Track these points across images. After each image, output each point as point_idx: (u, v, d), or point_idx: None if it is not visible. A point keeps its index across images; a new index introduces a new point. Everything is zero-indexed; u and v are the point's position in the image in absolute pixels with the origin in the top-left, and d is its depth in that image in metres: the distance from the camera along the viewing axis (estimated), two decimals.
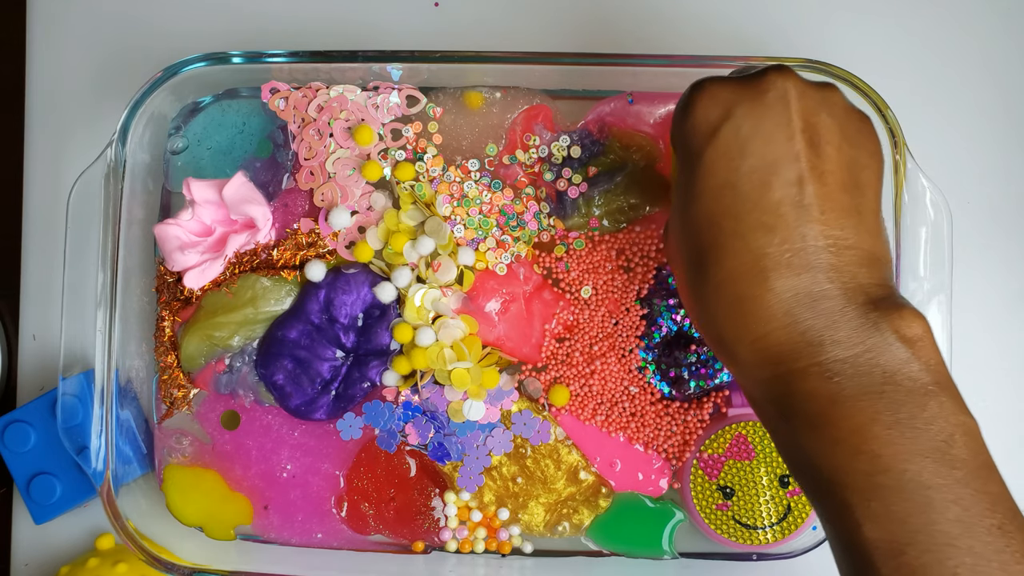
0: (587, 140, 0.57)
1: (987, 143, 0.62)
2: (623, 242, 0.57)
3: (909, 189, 0.54)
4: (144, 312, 0.59)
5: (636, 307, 0.56)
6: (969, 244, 0.61)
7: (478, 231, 0.56)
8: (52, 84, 0.65)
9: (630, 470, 0.57)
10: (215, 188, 0.56)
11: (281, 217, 0.58)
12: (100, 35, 0.65)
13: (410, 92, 0.58)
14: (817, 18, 0.63)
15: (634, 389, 0.56)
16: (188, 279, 0.56)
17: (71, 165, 0.64)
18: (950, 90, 0.63)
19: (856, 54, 0.62)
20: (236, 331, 0.57)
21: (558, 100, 0.58)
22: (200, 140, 0.59)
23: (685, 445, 0.57)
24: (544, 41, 0.62)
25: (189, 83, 0.57)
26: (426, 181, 0.57)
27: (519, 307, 0.57)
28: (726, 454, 0.56)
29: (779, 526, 0.56)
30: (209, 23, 0.64)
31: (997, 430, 0.61)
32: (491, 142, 0.57)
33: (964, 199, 0.61)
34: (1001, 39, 0.63)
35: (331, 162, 0.57)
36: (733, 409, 0.56)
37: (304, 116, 0.58)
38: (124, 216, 0.56)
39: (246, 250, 0.57)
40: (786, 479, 0.55)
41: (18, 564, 0.64)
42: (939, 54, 0.63)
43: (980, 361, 0.61)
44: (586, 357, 0.57)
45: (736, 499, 0.56)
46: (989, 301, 0.62)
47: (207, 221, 0.57)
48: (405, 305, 0.56)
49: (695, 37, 0.63)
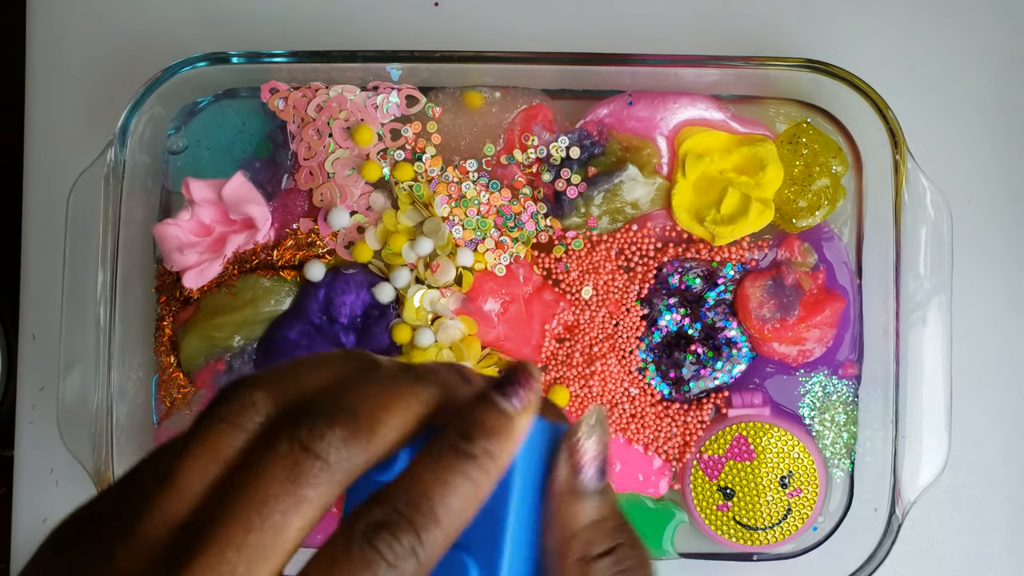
0: (586, 141, 0.57)
1: (987, 143, 0.62)
2: (622, 242, 0.57)
3: (909, 189, 0.54)
4: (144, 312, 0.59)
5: (636, 307, 0.56)
6: (969, 244, 0.61)
7: (476, 232, 0.56)
8: (52, 84, 0.65)
9: (630, 471, 0.57)
10: (214, 188, 0.56)
11: (280, 217, 0.57)
12: (99, 36, 0.65)
13: (409, 92, 0.58)
14: (817, 18, 0.63)
15: (634, 390, 0.56)
16: (187, 279, 0.56)
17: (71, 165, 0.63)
18: (950, 90, 0.62)
19: (856, 54, 0.61)
20: (236, 331, 0.57)
21: (557, 100, 0.58)
22: (199, 140, 0.59)
23: (685, 446, 0.56)
24: (543, 41, 0.62)
25: (188, 83, 0.57)
26: (424, 181, 0.57)
27: (518, 308, 0.56)
28: (726, 455, 0.55)
29: (779, 527, 0.55)
30: (208, 23, 0.64)
31: (997, 430, 0.61)
32: (489, 142, 0.57)
33: (964, 199, 0.61)
34: (1001, 39, 0.63)
35: (330, 162, 0.57)
36: (733, 410, 0.56)
37: (303, 116, 0.57)
38: (124, 216, 0.56)
39: (245, 250, 0.57)
40: (786, 480, 0.55)
41: (17, 565, 0.64)
42: (939, 54, 0.63)
43: (980, 361, 0.61)
44: (586, 358, 0.56)
45: (736, 500, 0.55)
46: (989, 301, 0.61)
47: (206, 221, 0.57)
48: (404, 306, 0.56)
49: (695, 37, 0.62)
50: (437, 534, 0.24)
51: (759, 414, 0.56)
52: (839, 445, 0.56)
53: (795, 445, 0.55)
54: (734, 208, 0.55)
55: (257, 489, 0.23)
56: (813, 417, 0.57)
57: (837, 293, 0.56)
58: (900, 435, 0.54)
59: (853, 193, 0.57)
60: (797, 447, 0.55)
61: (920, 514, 0.59)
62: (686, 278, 0.56)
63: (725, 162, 0.57)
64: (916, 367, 0.54)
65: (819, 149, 0.56)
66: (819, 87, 0.56)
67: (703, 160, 0.56)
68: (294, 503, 0.23)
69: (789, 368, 0.57)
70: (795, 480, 0.55)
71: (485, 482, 0.25)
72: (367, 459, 0.25)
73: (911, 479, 0.53)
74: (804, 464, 0.55)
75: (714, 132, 0.57)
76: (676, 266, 0.56)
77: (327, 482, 0.24)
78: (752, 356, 0.57)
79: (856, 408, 0.56)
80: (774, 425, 0.55)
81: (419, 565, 0.23)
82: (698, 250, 0.57)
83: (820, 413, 0.57)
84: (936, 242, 0.54)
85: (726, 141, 0.57)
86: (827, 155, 0.56)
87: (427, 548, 0.24)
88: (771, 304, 0.56)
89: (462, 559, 0.26)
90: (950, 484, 0.60)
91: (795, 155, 0.56)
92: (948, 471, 0.53)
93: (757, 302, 0.56)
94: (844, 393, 0.56)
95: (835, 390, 0.57)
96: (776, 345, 0.56)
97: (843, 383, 0.56)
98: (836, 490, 0.57)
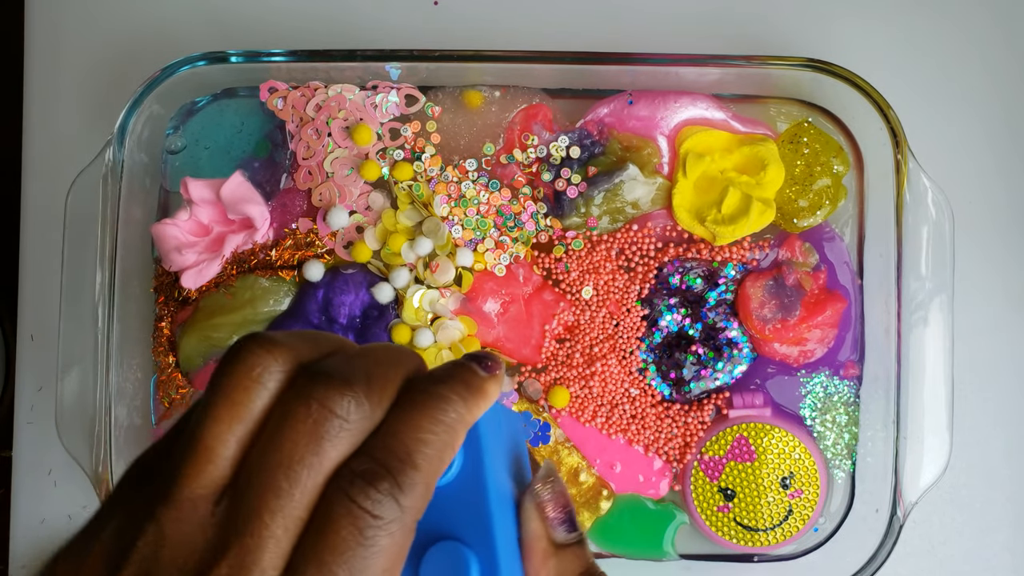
0: (586, 140, 0.57)
1: (988, 142, 0.62)
2: (623, 242, 0.56)
3: (911, 189, 0.54)
4: (142, 312, 0.58)
5: (637, 308, 0.56)
6: (971, 244, 0.61)
7: (476, 232, 0.56)
8: (50, 84, 0.65)
9: (631, 472, 0.57)
10: (213, 188, 0.56)
11: (279, 217, 0.57)
12: (97, 35, 0.65)
13: (409, 91, 0.57)
14: (819, 18, 0.63)
15: (635, 391, 0.56)
16: (185, 279, 0.56)
17: (69, 165, 0.63)
18: (952, 89, 0.62)
19: (858, 54, 0.61)
20: (234, 332, 0.57)
21: (557, 99, 0.58)
22: (198, 140, 0.59)
23: (686, 447, 0.56)
24: (543, 40, 0.62)
25: (187, 83, 0.57)
26: (424, 181, 0.57)
27: (518, 308, 0.56)
28: (727, 456, 0.55)
29: (780, 528, 0.55)
30: (207, 22, 0.64)
31: (999, 430, 0.61)
32: (489, 141, 0.57)
33: (966, 199, 0.61)
34: (1003, 39, 0.62)
35: (329, 162, 0.57)
36: (734, 411, 0.56)
37: (302, 115, 0.57)
38: (122, 216, 0.56)
39: (244, 250, 0.57)
40: (787, 481, 0.55)
41: (15, 567, 0.64)
42: (941, 54, 0.62)
43: (981, 361, 0.61)
44: (586, 358, 0.56)
45: (737, 501, 0.55)
46: (990, 301, 0.61)
47: (205, 221, 0.57)
48: (403, 306, 0.56)
49: (696, 36, 0.62)
50: (415, 477, 0.24)
51: (760, 415, 0.55)
52: (840, 446, 0.56)
53: (796, 446, 0.55)
54: (735, 208, 0.55)
55: (283, 452, 0.24)
56: (814, 418, 0.56)
57: (838, 293, 0.56)
58: (901, 436, 0.54)
59: (854, 193, 0.57)
60: (798, 448, 0.55)
61: (921, 515, 0.59)
62: (687, 278, 0.56)
63: (726, 162, 0.56)
64: (918, 368, 0.54)
65: (820, 149, 0.56)
66: (820, 86, 0.56)
67: (704, 160, 0.56)
68: (319, 463, 0.24)
69: (790, 369, 0.56)
70: (796, 481, 0.55)
71: (458, 427, 0.26)
72: (381, 417, 0.25)
73: (912, 480, 0.53)
74: (805, 465, 0.55)
75: (715, 131, 0.57)
76: (677, 266, 0.56)
77: (347, 441, 0.24)
78: (753, 357, 0.57)
79: (857, 409, 0.56)
80: (775, 426, 0.55)
81: (402, 510, 0.24)
82: (699, 250, 0.57)
83: (821, 414, 0.56)
84: (938, 242, 0.53)
85: (727, 140, 0.57)
86: (828, 155, 0.56)
87: (407, 493, 0.24)
88: (772, 304, 0.55)
89: (460, 550, 0.27)
90: (951, 485, 0.60)
91: (796, 155, 0.56)
92: (949, 472, 0.53)
93: (758, 302, 0.55)
94: (845, 394, 0.56)
95: (836, 391, 0.56)
96: (777, 346, 0.56)
97: (844, 384, 0.56)
98: (837, 491, 0.57)
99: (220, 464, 0.24)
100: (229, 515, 0.24)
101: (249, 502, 0.24)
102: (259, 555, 0.23)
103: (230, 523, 0.24)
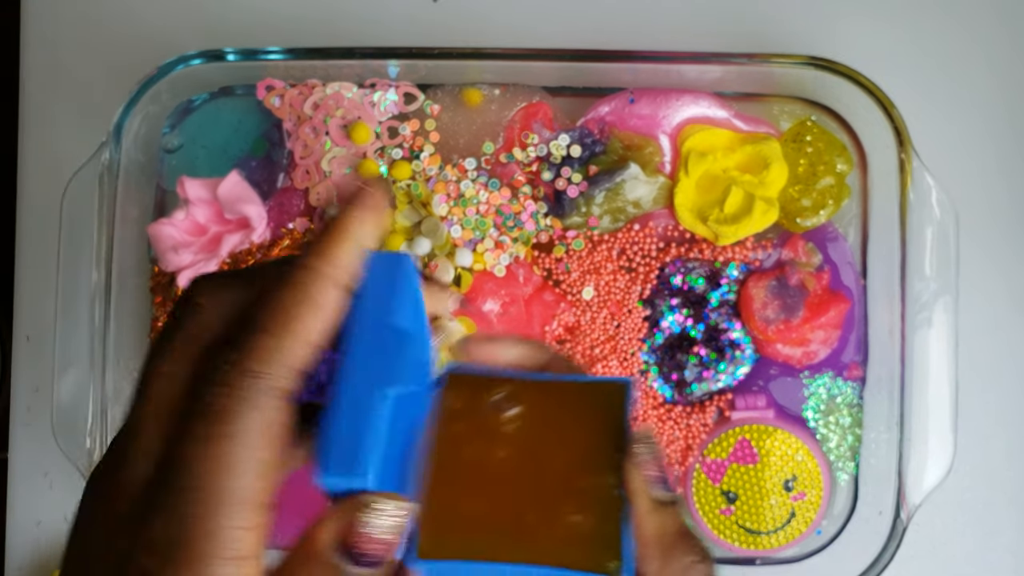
0: (587, 139, 0.56)
1: (993, 142, 0.62)
2: (624, 242, 0.56)
3: (915, 188, 0.53)
4: (139, 313, 0.58)
5: (638, 308, 0.56)
6: (975, 244, 0.60)
7: (475, 231, 0.56)
8: (46, 82, 0.65)
9: None
10: (209, 187, 0.56)
11: (276, 217, 0.57)
12: (94, 33, 0.64)
13: (407, 89, 0.57)
14: (822, 16, 0.62)
15: (636, 393, 0.56)
16: (182, 279, 0.56)
17: (65, 164, 0.63)
18: (956, 89, 0.62)
19: (861, 52, 0.61)
20: None
21: (558, 98, 0.58)
22: (195, 139, 0.58)
23: (688, 449, 0.56)
24: (544, 37, 0.62)
25: (184, 81, 0.57)
26: (422, 180, 0.56)
27: (518, 309, 0.56)
28: (729, 458, 0.55)
29: (783, 531, 0.55)
30: (203, 20, 0.64)
31: (1002, 432, 0.60)
32: (488, 140, 0.57)
33: (970, 198, 0.61)
34: (1008, 39, 0.62)
35: (327, 160, 0.57)
36: (736, 413, 0.55)
37: (300, 114, 0.57)
38: (118, 216, 0.56)
39: (240, 250, 0.57)
40: (790, 484, 0.55)
41: (11, 569, 0.63)
42: (945, 53, 0.62)
43: (984, 363, 0.60)
44: (587, 360, 0.56)
45: (739, 504, 0.55)
46: (995, 301, 0.61)
47: (201, 221, 0.57)
48: None
49: (697, 34, 0.62)
50: (260, 340, 0.25)
51: (763, 417, 0.55)
52: (844, 448, 0.56)
53: (799, 448, 0.55)
54: (737, 207, 0.55)
55: (159, 338, 0.27)
56: (817, 420, 0.56)
57: (842, 294, 0.56)
58: (905, 438, 0.53)
59: (858, 192, 0.57)
60: (801, 450, 0.55)
61: (924, 517, 0.59)
62: (689, 278, 0.56)
63: (728, 160, 0.56)
64: (922, 369, 0.54)
65: (823, 147, 0.56)
66: (823, 85, 0.55)
67: (706, 158, 0.55)
68: (183, 348, 0.26)
69: (793, 370, 0.56)
70: (799, 484, 0.55)
71: (308, 280, 0.26)
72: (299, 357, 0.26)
73: (916, 482, 0.53)
74: (808, 467, 0.55)
75: (717, 130, 0.56)
76: (679, 266, 0.56)
77: (205, 327, 0.26)
78: (756, 358, 0.56)
79: (861, 411, 0.56)
80: (778, 428, 0.55)
81: (256, 376, 0.24)
82: (701, 250, 0.56)
83: (824, 416, 0.56)
84: (942, 242, 0.53)
85: (729, 139, 0.56)
86: (832, 154, 0.56)
87: (256, 359, 0.24)
88: (775, 305, 0.55)
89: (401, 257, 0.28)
90: (954, 487, 0.60)
91: (799, 153, 0.56)
92: (952, 474, 0.53)
93: (761, 303, 0.55)
94: (849, 395, 0.56)
95: (840, 392, 0.56)
96: (780, 347, 0.55)
97: (848, 385, 0.56)
98: (840, 493, 0.56)
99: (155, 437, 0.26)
100: (149, 506, 0.25)
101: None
102: (138, 429, 0.25)
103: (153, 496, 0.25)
